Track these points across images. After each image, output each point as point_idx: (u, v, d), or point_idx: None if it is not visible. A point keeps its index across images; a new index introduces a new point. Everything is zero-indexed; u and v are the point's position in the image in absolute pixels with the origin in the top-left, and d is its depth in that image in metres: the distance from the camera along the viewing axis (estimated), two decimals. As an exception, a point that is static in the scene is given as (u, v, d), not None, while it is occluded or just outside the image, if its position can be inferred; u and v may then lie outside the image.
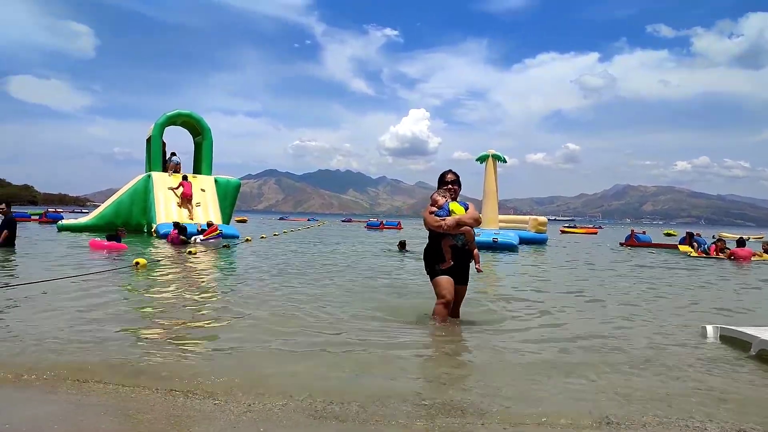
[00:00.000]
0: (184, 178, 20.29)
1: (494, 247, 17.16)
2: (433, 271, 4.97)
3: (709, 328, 5.03)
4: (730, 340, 4.71)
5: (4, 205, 12.29)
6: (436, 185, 5.19)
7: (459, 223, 4.80)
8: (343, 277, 9.01)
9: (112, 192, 21.36)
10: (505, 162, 23.41)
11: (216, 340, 4.44)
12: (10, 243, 11.82)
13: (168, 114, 21.90)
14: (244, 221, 47.69)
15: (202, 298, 6.60)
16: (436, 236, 4.96)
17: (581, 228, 57.51)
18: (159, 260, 10.55)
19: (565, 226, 58.75)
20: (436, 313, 4.92)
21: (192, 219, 18.88)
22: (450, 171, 5.19)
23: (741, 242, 16.99)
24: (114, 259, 10.51)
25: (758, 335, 4.26)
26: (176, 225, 15.61)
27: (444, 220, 4.80)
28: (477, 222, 4.92)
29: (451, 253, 4.85)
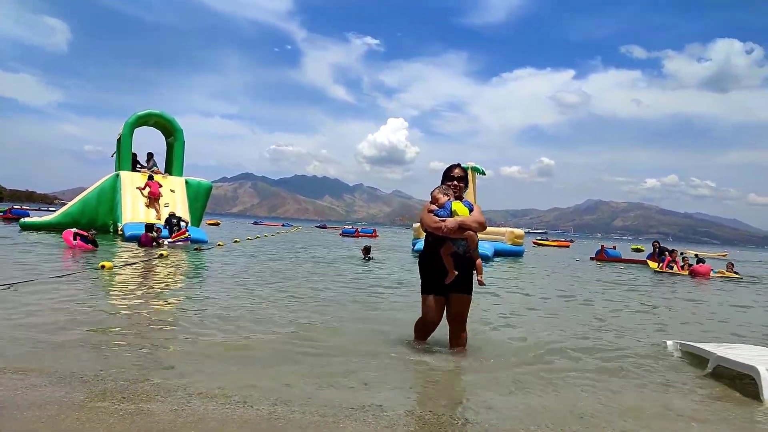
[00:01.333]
0: (150, 177, 19.94)
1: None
2: (424, 285, 4.36)
3: (670, 343, 5.17)
4: (689, 354, 4.82)
5: None
6: (412, 195, 4.66)
7: (462, 227, 4.06)
8: (306, 284, 8.93)
9: (82, 190, 20.85)
10: (484, 174, 23.62)
11: (173, 350, 4.34)
12: None
13: (139, 114, 21.53)
14: (216, 224, 47.04)
15: (164, 303, 6.46)
16: (434, 242, 4.27)
17: (553, 241, 58.41)
18: (127, 263, 10.29)
19: (537, 239, 59.53)
20: (416, 328, 4.47)
21: (159, 219, 18.54)
22: (457, 165, 4.47)
23: (700, 260, 18.07)
24: (78, 262, 10.22)
25: (715, 351, 4.36)
26: (147, 227, 15.35)
27: (444, 221, 4.07)
28: (482, 227, 4.20)
29: (451, 261, 4.15)
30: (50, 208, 77.34)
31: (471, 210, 4.20)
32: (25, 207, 55.48)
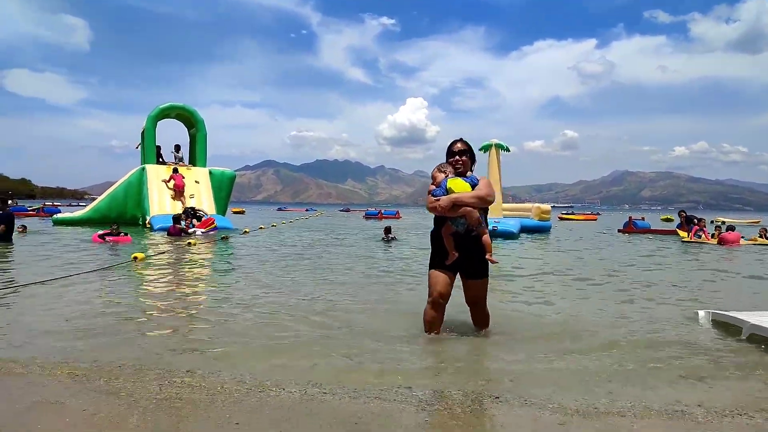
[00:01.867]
0: (175, 170, 20.27)
1: (494, 234, 17.32)
2: (431, 262, 4.18)
3: (702, 313, 5.08)
4: (722, 324, 4.75)
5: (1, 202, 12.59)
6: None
7: (456, 204, 3.85)
8: (331, 268, 9.02)
9: (110, 184, 21.36)
10: (509, 151, 23.34)
11: (206, 336, 4.45)
12: (6, 238, 11.99)
13: (161, 107, 21.85)
14: (241, 212, 47.62)
15: (196, 291, 6.62)
16: (438, 222, 4.13)
17: (580, 215, 57.52)
18: (157, 254, 10.54)
19: (563, 213, 58.72)
20: (425, 315, 4.16)
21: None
22: (459, 140, 4.24)
23: (730, 227, 17.55)
24: (111, 255, 10.51)
25: (748, 320, 4.29)
26: (175, 219, 15.72)
27: (439, 200, 3.92)
28: (482, 201, 3.89)
29: (453, 243, 3.99)
30: (80, 203, 79.48)
31: (475, 185, 3.95)
32: (56, 203, 57.09)
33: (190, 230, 15.75)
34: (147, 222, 18.47)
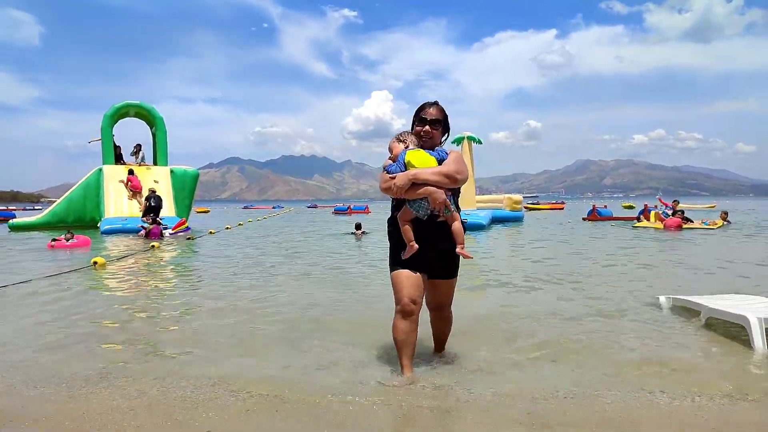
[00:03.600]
0: (130, 172, 19.75)
1: (464, 228, 17.60)
2: (391, 261, 3.26)
3: (662, 299, 5.25)
4: (682, 309, 4.92)
5: None
6: None
7: (416, 181, 2.99)
8: (301, 267, 8.96)
9: (67, 186, 20.67)
10: (481, 143, 23.61)
11: (172, 340, 4.35)
12: None
13: (116, 105, 21.21)
14: (206, 212, 46.81)
15: (160, 296, 6.47)
16: (396, 208, 3.22)
17: (546, 204, 58.53)
18: (120, 258, 10.24)
19: (529, 204, 59.70)
20: (394, 332, 3.16)
21: (141, 211, 18.47)
22: (434, 103, 3.24)
23: (673, 212, 18.83)
24: (69, 260, 10.16)
25: (706, 304, 4.45)
26: (155, 221, 15.34)
27: (395, 177, 3.04)
28: (449, 179, 3.02)
29: (412, 232, 3.10)
30: (36, 207, 76.61)
31: (442, 161, 3.09)
32: (11, 208, 54.88)
33: (165, 233, 15.35)
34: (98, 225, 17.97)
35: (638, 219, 19.81)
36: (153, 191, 18.13)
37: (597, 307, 5.26)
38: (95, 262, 8.70)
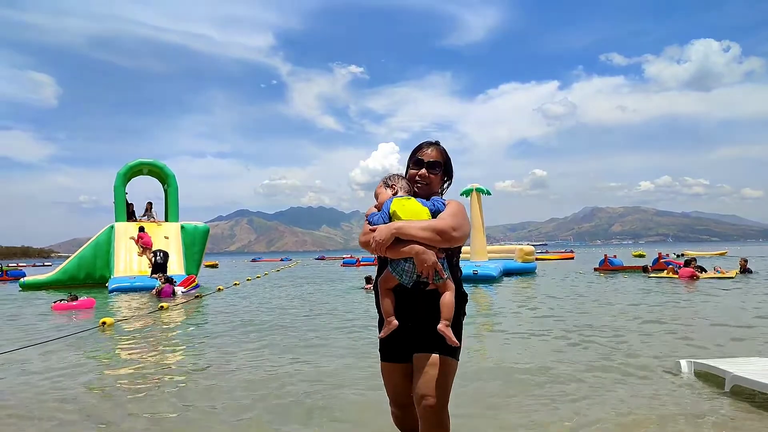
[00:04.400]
0: (141, 229, 19.94)
1: (474, 279, 17.49)
2: (379, 347, 2.66)
3: (684, 363, 5.06)
4: (704, 374, 4.74)
5: None
6: None
7: (401, 237, 2.34)
8: (312, 327, 8.82)
9: (77, 241, 20.94)
10: (489, 194, 23.68)
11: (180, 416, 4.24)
12: None
13: (129, 164, 21.66)
14: (215, 266, 46.73)
15: (168, 363, 6.36)
16: (380, 266, 2.60)
17: (556, 254, 58.00)
18: (128, 318, 10.16)
19: (537, 253, 59.23)
20: (393, 418, 2.78)
21: (151, 267, 18.52)
22: (434, 144, 2.67)
23: (686, 263, 18.69)
24: (77, 321, 10.10)
25: (730, 370, 4.29)
26: (168, 279, 15.38)
27: (376, 230, 2.40)
28: (441, 235, 2.34)
29: (393, 304, 2.46)
30: (45, 263, 77.12)
31: (437, 212, 2.45)
32: (21, 265, 55.26)
33: (178, 291, 15.31)
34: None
35: (645, 269, 20.14)
36: (159, 249, 18.32)
37: (615, 371, 5.09)
38: (104, 323, 8.62)
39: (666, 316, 9.19)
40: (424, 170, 2.57)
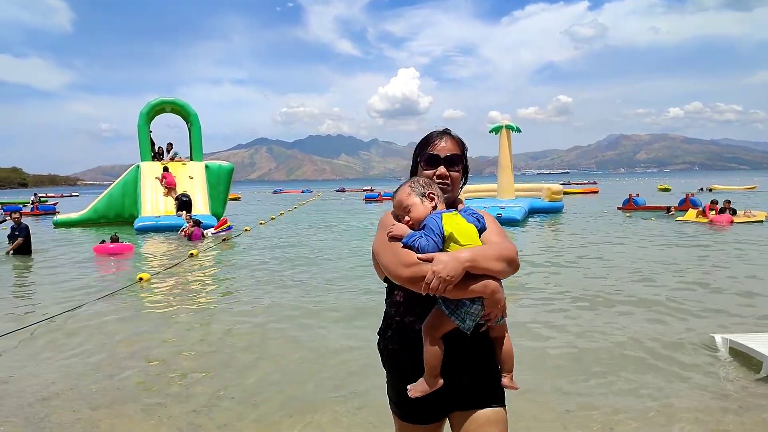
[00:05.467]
0: (165, 169, 20.09)
1: (499, 222, 17.39)
2: (391, 398, 2.07)
3: (718, 339, 5.01)
4: (740, 353, 4.72)
5: (18, 214, 12.99)
6: None
7: (474, 270, 1.77)
8: (340, 273, 8.96)
9: (101, 169, 21.60)
10: (520, 132, 23.07)
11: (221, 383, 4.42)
12: (26, 250, 12.43)
13: (151, 102, 21.49)
14: (237, 198, 47.32)
15: (203, 319, 6.58)
16: (405, 305, 1.97)
17: (579, 186, 57.03)
18: (161, 272, 10.45)
19: (560, 183, 58.41)
20: None
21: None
22: (445, 133, 2.11)
23: (722, 210, 17.74)
24: (116, 272, 10.46)
25: (768, 353, 4.26)
26: (196, 222, 15.65)
27: (433, 259, 1.75)
28: (513, 266, 1.88)
29: (440, 355, 1.85)
30: (73, 193, 79.12)
31: (482, 229, 1.95)
32: (50, 195, 56.76)
33: (207, 233, 15.69)
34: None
35: (669, 210, 19.89)
36: (182, 193, 18.67)
37: (640, 346, 5.12)
38: (141, 278, 8.91)
39: (699, 274, 8.89)
40: (443, 169, 2.02)
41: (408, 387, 1.89)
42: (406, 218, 1.90)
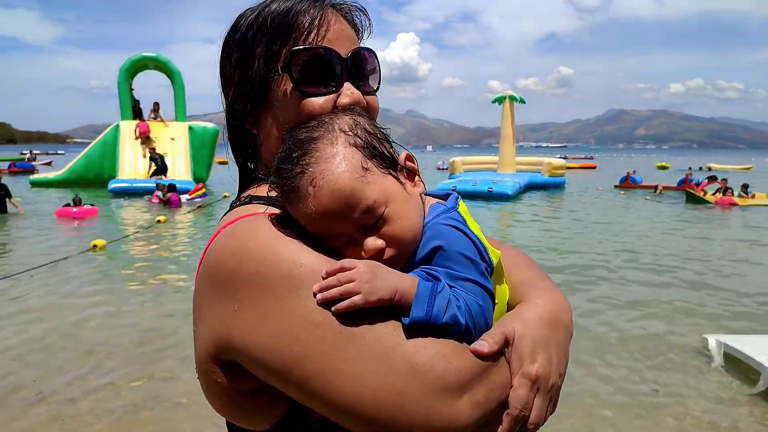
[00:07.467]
0: (140, 117, 19.70)
1: (489, 196, 16.70)
2: None
3: (712, 342, 4.52)
4: (734, 359, 4.25)
5: None
6: (426, 114, 1.35)
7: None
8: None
9: (93, 127, 20.78)
10: (524, 103, 22.26)
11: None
12: (2, 209, 12.22)
13: (131, 58, 20.43)
14: (225, 162, 46.27)
15: (161, 296, 6.04)
16: None
17: (576, 161, 56.43)
18: (122, 237, 9.84)
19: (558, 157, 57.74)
20: None
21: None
22: (328, 5, 0.86)
23: (724, 191, 17.03)
24: (75, 236, 9.87)
25: (767, 363, 3.78)
26: (171, 187, 14.73)
27: (510, 342, 0.69)
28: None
29: None
30: (59, 152, 77.94)
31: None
32: (35, 152, 55.69)
33: (182, 198, 14.83)
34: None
35: (655, 189, 19.44)
36: (153, 149, 18.05)
37: (635, 343, 4.65)
38: (95, 245, 8.31)
39: (697, 263, 8.38)
40: (351, 89, 0.87)
41: None
42: (372, 240, 0.72)
